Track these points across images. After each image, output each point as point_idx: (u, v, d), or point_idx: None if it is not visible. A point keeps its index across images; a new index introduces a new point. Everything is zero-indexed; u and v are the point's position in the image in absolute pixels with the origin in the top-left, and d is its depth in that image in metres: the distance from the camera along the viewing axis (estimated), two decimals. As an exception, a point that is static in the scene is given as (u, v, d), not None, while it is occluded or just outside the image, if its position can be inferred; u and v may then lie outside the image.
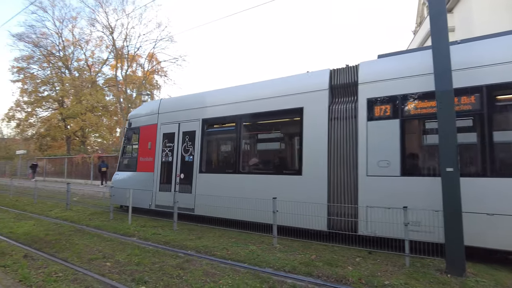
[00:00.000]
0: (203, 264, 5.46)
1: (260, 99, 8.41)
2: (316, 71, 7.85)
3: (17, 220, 9.41)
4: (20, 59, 36.65)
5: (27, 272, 4.82)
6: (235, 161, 8.74)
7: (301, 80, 7.99)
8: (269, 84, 8.63)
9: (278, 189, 7.57)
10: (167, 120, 10.45)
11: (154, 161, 10.53)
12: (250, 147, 9.17)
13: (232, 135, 8.92)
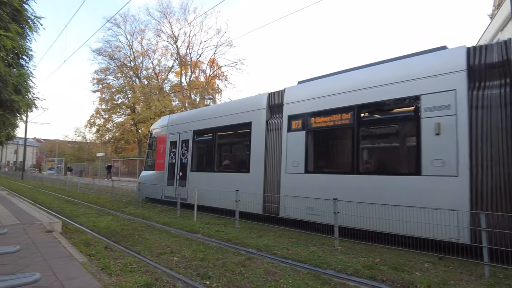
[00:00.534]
0: (264, 262, 5.54)
1: (224, 116, 11.09)
2: (261, 94, 10.18)
3: (98, 216, 10.50)
4: (99, 71, 40.97)
5: (107, 261, 5.34)
6: (212, 162, 11.42)
7: (251, 100, 10.45)
8: (228, 105, 12.95)
9: (237, 184, 9.61)
10: (172, 131, 13.50)
11: (164, 163, 13.56)
12: (220, 152, 11.64)
13: (210, 143, 11.59)
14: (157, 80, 41.75)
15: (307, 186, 8.08)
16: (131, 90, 40.30)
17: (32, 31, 6.35)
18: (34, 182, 31.40)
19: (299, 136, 8.50)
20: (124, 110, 42.17)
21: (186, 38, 40.46)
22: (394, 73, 7.05)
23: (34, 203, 13.76)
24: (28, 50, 6.62)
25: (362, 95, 7.36)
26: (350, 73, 8.07)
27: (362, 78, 7.61)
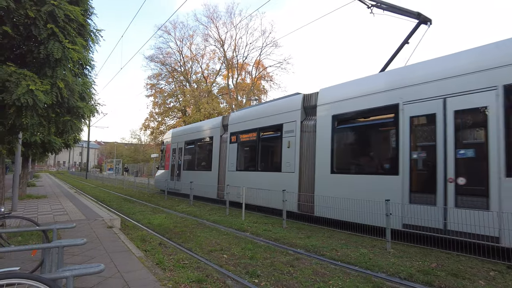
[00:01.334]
0: (313, 263, 5.49)
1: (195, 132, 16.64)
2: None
3: (153, 213, 11.13)
4: (152, 77, 43.31)
5: (161, 257, 5.65)
6: (193, 163, 16.38)
7: (212, 122, 15.52)
8: (199, 124, 18.10)
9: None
10: (174, 141, 18.61)
11: (169, 164, 18.77)
12: (196, 155, 16.43)
13: (193, 149, 16.60)
14: (205, 84, 43.10)
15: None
16: (182, 94, 42.07)
17: (94, 43, 6.91)
18: (96, 182, 34.16)
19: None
20: (176, 113, 44.13)
21: (232, 41, 41.33)
22: (270, 109, 11.54)
23: (96, 200, 14.97)
24: (91, 61, 7.23)
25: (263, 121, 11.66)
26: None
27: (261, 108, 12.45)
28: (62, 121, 6.53)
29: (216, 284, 4.46)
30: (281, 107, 10.96)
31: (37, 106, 5.26)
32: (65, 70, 5.86)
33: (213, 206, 12.81)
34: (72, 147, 15.06)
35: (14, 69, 5.24)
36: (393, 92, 7.53)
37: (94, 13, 6.91)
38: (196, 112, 38.34)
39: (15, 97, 4.95)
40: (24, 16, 5.09)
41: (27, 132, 7.25)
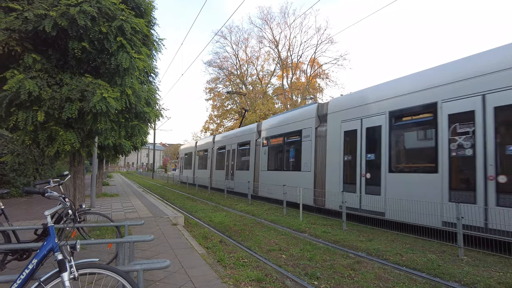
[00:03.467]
0: (375, 267, 5.24)
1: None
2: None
3: (213, 211, 11.55)
4: (210, 81, 45.01)
5: (222, 255, 5.83)
6: (193, 165, 27.49)
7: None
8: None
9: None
10: (181, 154, 33.13)
11: (180, 165, 32.45)
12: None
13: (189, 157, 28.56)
14: (261, 85, 43.59)
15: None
16: (239, 96, 43.09)
17: (157, 52, 7.42)
18: (161, 181, 36.45)
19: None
20: (233, 115, 45.32)
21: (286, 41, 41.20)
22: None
23: (162, 199, 15.96)
24: (155, 68, 7.77)
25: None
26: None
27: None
28: (130, 125, 7.09)
29: (275, 284, 4.48)
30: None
31: (110, 112, 5.77)
32: (132, 78, 6.36)
33: (271, 206, 12.91)
34: (139, 149, 16.34)
35: (91, 79, 5.81)
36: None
37: (156, 23, 7.40)
38: (252, 113, 38.95)
39: (92, 105, 5.49)
40: (98, 32, 5.63)
41: (102, 136, 7.99)
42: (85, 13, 5.39)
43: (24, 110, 5.58)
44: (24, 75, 5.40)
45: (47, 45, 5.94)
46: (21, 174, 14.35)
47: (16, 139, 6.55)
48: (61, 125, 6.05)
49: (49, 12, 5.27)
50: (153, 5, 7.11)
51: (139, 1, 6.69)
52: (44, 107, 5.57)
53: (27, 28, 5.26)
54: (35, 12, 5.25)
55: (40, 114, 5.52)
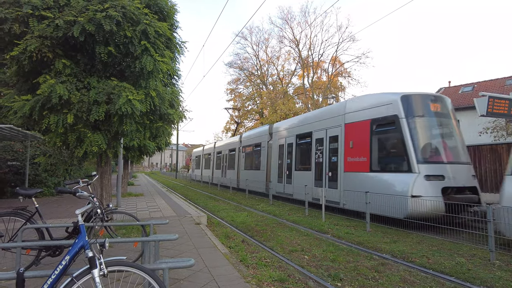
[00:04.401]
0: (400, 269, 5.12)
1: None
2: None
3: (235, 211, 11.63)
4: (231, 82, 45.40)
5: (244, 254, 5.87)
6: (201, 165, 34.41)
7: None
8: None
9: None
10: (193, 156, 41.19)
11: (192, 165, 40.88)
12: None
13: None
14: (281, 85, 43.48)
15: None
16: (259, 97, 43.15)
17: (179, 54, 7.57)
18: (184, 181, 37.06)
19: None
20: (254, 115, 45.47)
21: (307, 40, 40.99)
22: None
23: (185, 198, 16.23)
24: (178, 71, 7.92)
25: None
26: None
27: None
28: (155, 127, 7.27)
29: (298, 284, 4.46)
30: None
31: (135, 114, 5.94)
32: (156, 80, 6.51)
33: (292, 206, 12.87)
34: (163, 149, 16.69)
35: (116, 82, 6.00)
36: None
37: (179, 26, 7.54)
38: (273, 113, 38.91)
39: (118, 107, 5.66)
40: (123, 36, 5.81)
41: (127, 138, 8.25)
42: (111, 18, 5.58)
43: (55, 113, 5.84)
44: (55, 80, 5.65)
45: (76, 50, 6.19)
46: (53, 174, 15.01)
47: (48, 141, 6.86)
48: (89, 127, 6.28)
49: (77, 18, 5.49)
50: (176, 8, 7.25)
51: (162, 5, 6.84)
52: (73, 110, 5.80)
53: (57, 34, 5.50)
54: (65, 19, 5.48)
55: (69, 116, 5.76)
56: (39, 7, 5.48)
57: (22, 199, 4.44)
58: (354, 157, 10.21)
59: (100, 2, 5.64)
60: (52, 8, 5.64)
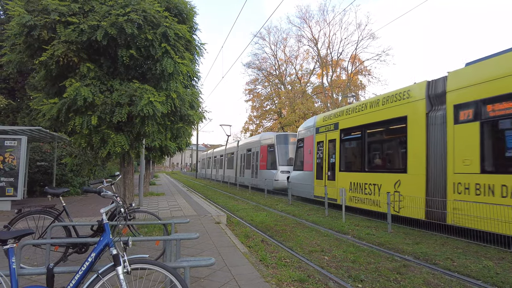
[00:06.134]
0: (423, 272, 4.99)
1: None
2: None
3: (255, 211, 11.67)
4: (249, 83, 45.52)
5: (264, 254, 5.88)
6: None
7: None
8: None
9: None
10: (203, 157, 48.25)
11: (205, 165, 46.24)
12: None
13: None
14: (300, 84, 43.23)
15: None
16: (277, 97, 43.07)
17: (199, 56, 7.66)
18: (204, 181, 37.46)
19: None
20: (272, 115, 45.42)
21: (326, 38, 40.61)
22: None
23: (205, 198, 16.42)
24: (197, 72, 8.03)
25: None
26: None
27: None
28: (176, 127, 7.39)
29: (318, 285, 4.43)
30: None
31: (156, 115, 6.07)
32: (176, 82, 6.63)
33: (312, 207, 12.77)
34: (184, 150, 16.94)
35: (138, 85, 6.15)
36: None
37: (198, 28, 7.63)
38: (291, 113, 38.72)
39: (139, 109, 5.81)
40: (144, 39, 5.95)
41: (149, 138, 8.41)
42: (132, 21, 5.73)
43: (80, 115, 6.04)
44: (80, 83, 5.86)
45: (99, 54, 6.38)
46: (78, 174, 15.54)
47: (74, 142, 7.11)
48: (112, 129, 6.46)
49: (101, 23, 5.67)
50: (195, 11, 7.35)
51: (181, 8, 6.95)
52: (97, 112, 5.99)
53: (82, 39, 5.70)
54: (89, 24, 5.67)
55: (93, 118, 5.95)
56: (66, 13, 5.69)
57: (50, 198, 4.64)
58: (261, 162, 21.33)
59: (122, 7, 5.80)
60: (78, 14, 5.84)
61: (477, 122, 6.95)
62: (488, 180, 6.53)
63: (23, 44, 6.00)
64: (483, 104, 6.86)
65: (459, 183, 7.20)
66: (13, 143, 10.13)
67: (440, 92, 8.01)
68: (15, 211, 4.54)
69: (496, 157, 6.67)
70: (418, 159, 8.40)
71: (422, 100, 8.47)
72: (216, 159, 36.79)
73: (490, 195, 6.42)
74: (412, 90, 8.89)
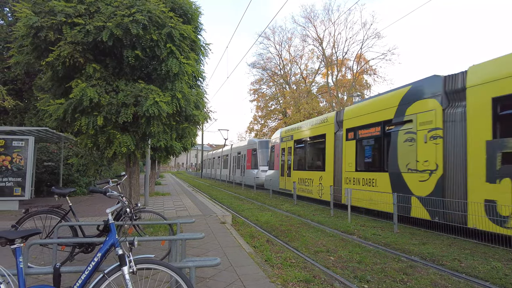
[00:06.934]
0: (430, 272, 4.94)
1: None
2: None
3: (260, 211, 11.66)
4: (254, 83, 45.56)
5: (269, 254, 5.86)
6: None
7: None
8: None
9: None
10: (206, 158, 49.66)
11: (208, 165, 48.13)
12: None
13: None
14: (305, 84, 43.13)
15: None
16: (282, 96, 43.01)
17: (204, 56, 7.68)
18: (209, 181, 37.54)
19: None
20: (277, 115, 45.38)
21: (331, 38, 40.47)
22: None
23: (210, 197, 16.44)
24: (202, 73, 8.04)
25: None
26: None
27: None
28: (181, 128, 7.42)
29: (323, 285, 4.41)
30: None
31: (161, 115, 6.08)
32: (181, 82, 6.64)
33: (317, 207, 12.73)
34: (189, 150, 16.99)
35: (144, 85, 6.18)
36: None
37: (203, 29, 7.64)
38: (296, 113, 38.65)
39: (145, 109, 5.83)
40: (149, 40, 5.97)
41: (154, 139, 8.46)
42: (137, 22, 5.75)
43: (86, 116, 6.09)
44: (86, 83, 5.89)
45: (105, 55, 6.42)
46: (84, 174, 15.66)
47: (80, 142, 7.16)
48: (118, 129, 6.50)
49: (106, 23, 5.70)
50: (200, 11, 7.35)
51: (186, 8, 6.96)
52: (103, 112, 6.03)
53: (88, 40, 5.74)
54: (94, 25, 5.71)
55: (99, 119, 5.98)
56: (72, 14, 5.73)
57: (57, 198, 4.67)
58: (247, 163, 25.24)
59: (127, 7, 5.82)
60: (83, 15, 5.88)
61: (354, 140, 11.24)
62: (358, 176, 10.92)
63: (30, 45, 6.05)
64: (357, 130, 11.12)
65: (347, 177, 11.54)
66: (21, 143, 10.24)
67: (341, 120, 12.26)
68: (22, 211, 4.58)
69: (361, 162, 10.94)
70: (330, 162, 12.68)
71: (332, 124, 12.80)
72: (215, 160, 40.91)
73: (359, 184, 10.75)
74: (328, 117, 13.29)
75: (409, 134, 8.67)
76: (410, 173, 8.57)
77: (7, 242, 2.27)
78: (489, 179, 6.57)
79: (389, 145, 9.46)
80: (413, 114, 8.59)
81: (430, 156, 7.97)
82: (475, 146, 6.91)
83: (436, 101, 7.95)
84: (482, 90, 6.91)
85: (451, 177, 7.55)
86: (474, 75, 7.17)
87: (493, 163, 6.51)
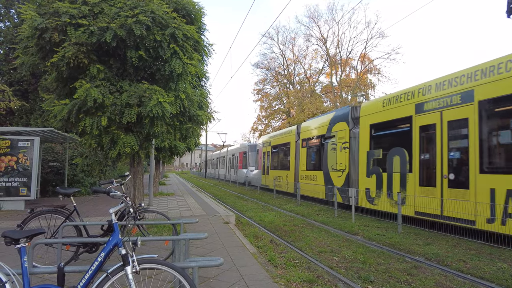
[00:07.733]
0: (435, 273, 4.91)
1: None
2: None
3: (263, 211, 11.65)
4: (258, 83, 45.48)
5: (273, 254, 5.86)
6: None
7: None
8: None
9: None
10: (210, 158, 50.71)
11: (211, 165, 49.74)
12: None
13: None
14: (308, 84, 43.00)
15: None
16: (286, 96, 42.94)
17: (207, 57, 7.70)
18: (213, 181, 37.61)
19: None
20: (281, 115, 45.32)
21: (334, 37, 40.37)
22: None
23: (214, 197, 16.47)
24: (206, 73, 8.08)
25: None
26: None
27: None
28: (185, 128, 7.44)
29: (327, 286, 4.40)
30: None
31: (165, 115, 6.10)
32: (185, 83, 6.66)
33: (321, 207, 12.71)
34: (193, 150, 17.07)
35: (147, 85, 6.20)
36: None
37: (206, 29, 7.65)
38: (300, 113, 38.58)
39: (148, 109, 5.85)
40: (153, 40, 5.99)
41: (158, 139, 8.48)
42: (141, 23, 5.77)
43: (90, 116, 6.12)
44: (90, 84, 5.93)
45: (109, 55, 6.46)
46: (89, 174, 15.76)
47: (84, 142, 7.20)
48: (122, 129, 6.53)
49: (110, 24, 5.74)
50: (203, 11, 7.38)
51: (190, 9, 6.98)
52: (107, 112, 6.06)
53: (92, 40, 5.77)
54: (98, 25, 5.74)
55: (103, 119, 6.02)
56: (76, 16, 5.77)
57: (61, 198, 4.71)
58: (239, 164, 28.45)
59: (131, 8, 5.85)
60: (87, 16, 5.91)
61: (306, 148, 15.22)
62: (307, 173, 14.81)
63: (35, 46, 6.11)
64: (308, 140, 15.12)
65: (301, 174, 15.40)
66: (27, 144, 10.33)
67: (299, 132, 16.28)
68: (27, 210, 4.62)
69: (309, 163, 14.82)
70: (292, 163, 16.68)
71: (294, 135, 16.78)
72: (217, 160, 44.35)
73: (308, 179, 14.63)
74: (292, 129, 17.30)
75: (333, 145, 12.49)
76: (333, 171, 12.43)
77: (12, 241, 2.29)
78: (368, 175, 10.36)
79: (323, 152, 13.32)
80: (335, 131, 12.49)
81: (343, 160, 11.83)
82: (362, 154, 10.65)
83: (346, 123, 11.80)
84: (366, 119, 10.71)
85: (352, 174, 11.31)
86: (364, 108, 11.00)
87: (369, 165, 10.32)
